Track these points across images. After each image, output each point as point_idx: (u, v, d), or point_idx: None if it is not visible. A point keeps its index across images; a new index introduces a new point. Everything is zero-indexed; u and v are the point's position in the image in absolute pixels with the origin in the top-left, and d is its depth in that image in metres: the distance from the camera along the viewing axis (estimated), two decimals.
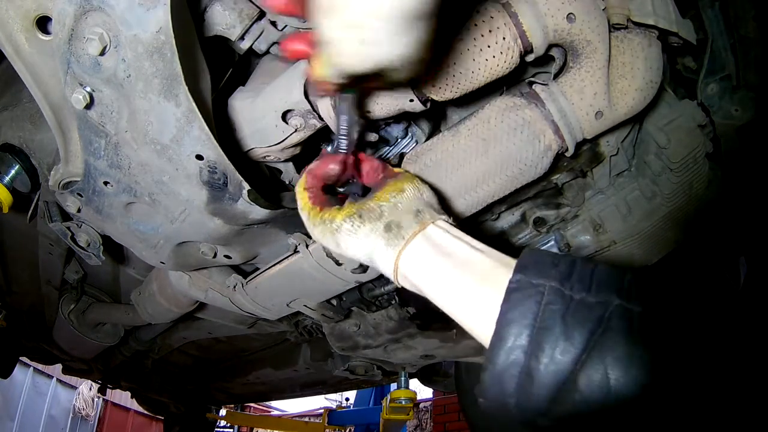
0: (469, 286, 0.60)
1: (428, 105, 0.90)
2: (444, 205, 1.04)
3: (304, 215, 0.78)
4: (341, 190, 0.88)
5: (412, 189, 0.73)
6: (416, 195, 0.72)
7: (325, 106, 0.91)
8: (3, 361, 2.75)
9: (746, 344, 0.50)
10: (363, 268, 1.15)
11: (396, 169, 0.81)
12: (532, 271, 0.56)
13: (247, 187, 0.93)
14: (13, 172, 1.17)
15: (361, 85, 0.71)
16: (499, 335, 0.53)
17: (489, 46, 0.82)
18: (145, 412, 4.60)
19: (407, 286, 0.69)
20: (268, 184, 1.13)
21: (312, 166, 0.81)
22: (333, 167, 0.80)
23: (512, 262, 0.60)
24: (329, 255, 1.12)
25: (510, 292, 0.55)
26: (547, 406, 0.50)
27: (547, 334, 0.51)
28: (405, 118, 1.03)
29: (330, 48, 0.60)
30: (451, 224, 0.70)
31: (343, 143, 0.80)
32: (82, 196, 1.02)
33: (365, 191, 0.86)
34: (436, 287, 0.64)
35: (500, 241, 1.42)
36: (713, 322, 0.51)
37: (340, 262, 1.14)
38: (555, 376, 0.50)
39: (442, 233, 0.68)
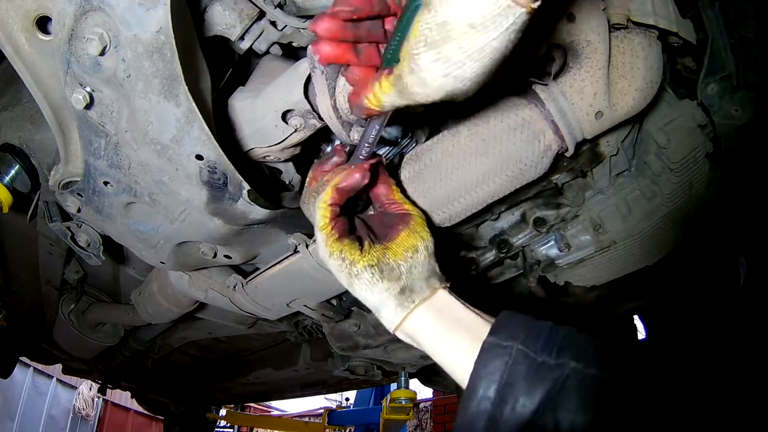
0: (458, 346, 0.71)
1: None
2: (443, 205, 1.05)
3: (320, 236, 0.79)
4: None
5: (424, 252, 0.79)
6: (427, 260, 0.79)
7: (325, 107, 0.91)
8: (3, 361, 2.76)
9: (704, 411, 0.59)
10: None
11: (404, 202, 0.85)
12: (504, 333, 0.67)
13: (247, 187, 0.93)
14: (13, 172, 1.17)
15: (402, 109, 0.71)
16: (471, 388, 0.64)
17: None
18: (145, 412, 4.60)
19: (402, 338, 0.78)
20: (268, 184, 1.13)
21: (338, 181, 0.80)
22: (358, 178, 0.80)
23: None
24: None
25: (483, 351, 0.66)
26: None
27: (510, 389, 0.61)
28: (405, 118, 1.03)
29: (411, 77, 0.60)
30: (450, 290, 0.78)
31: (366, 152, 0.83)
32: (82, 196, 1.02)
33: (367, 204, 0.90)
34: (432, 346, 0.74)
35: (499, 243, 1.41)
36: (669, 386, 0.61)
37: None
38: (515, 423, 0.60)
39: (445, 299, 0.77)
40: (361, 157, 0.83)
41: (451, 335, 0.72)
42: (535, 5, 0.50)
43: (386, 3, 0.67)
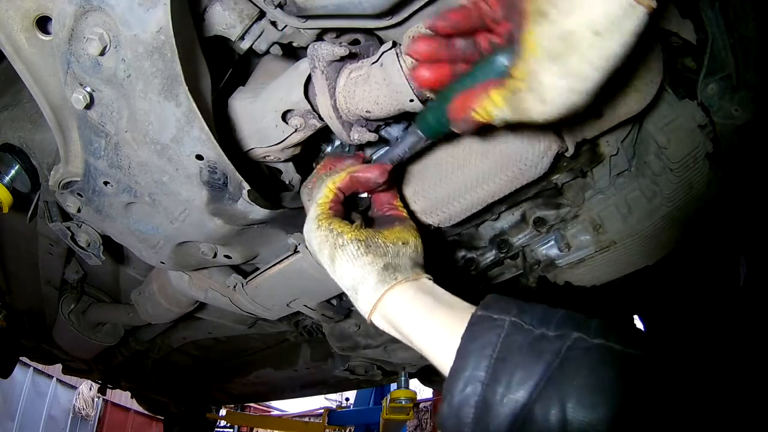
0: (441, 326, 0.62)
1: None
2: (443, 205, 1.05)
3: (313, 210, 0.78)
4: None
5: (413, 244, 0.77)
6: (416, 252, 0.76)
7: (325, 107, 0.91)
8: (3, 361, 2.75)
9: (718, 386, 0.48)
10: None
11: (403, 211, 0.86)
12: (495, 308, 0.58)
13: (247, 187, 0.93)
14: (13, 172, 1.17)
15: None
16: (457, 366, 0.54)
17: None
18: (145, 412, 4.60)
19: (378, 324, 0.72)
20: (268, 184, 1.13)
21: (356, 170, 0.81)
22: (376, 177, 0.80)
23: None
24: None
25: (471, 325, 0.57)
26: None
27: (504, 365, 0.51)
28: (405, 118, 1.03)
29: (530, 95, 0.56)
30: (434, 283, 0.74)
31: (397, 158, 0.84)
32: (82, 196, 1.02)
33: (365, 210, 0.91)
34: (410, 325, 0.66)
35: (498, 243, 1.41)
36: (683, 358, 0.50)
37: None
38: (511, 407, 0.49)
39: (430, 284, 0.72)
40: (387, 160, 0.85)
41: (433, 314, 0.65)
42: (654, 4, 0.48)
43: (481, 18, 0.64)
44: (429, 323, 0.64)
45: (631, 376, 0.48)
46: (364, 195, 0.89)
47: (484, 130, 0.97)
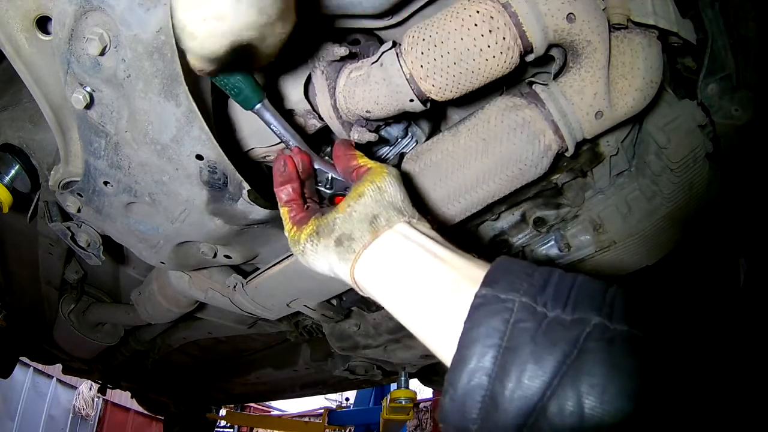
0: (431, 302, 0.55)
1: (428, 105, 0.90)
2: (443, 205, 1.05)
3: (288, 240, 0.77)
4: (323, 188, 0.87)
5: (371, 191, 0.67)
6: (375, 198, 0.67)
7: (325, 107, 0.91)
8: (3, 361, 2.76)
9: (743, 372, 0.44)
10: None
11: (368, 164, 0.75)
12: (502, 284, 0.51)
13: (247, 187, 0.93)
14: (13, 172, 1.17)
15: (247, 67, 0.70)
16: (460, 356, 0.48)
17: (489, 46, 0.81)
18: (145, 412, 4.60)
19: (371, 297, 0.66)
20: (268, 184, 1.13)
21: (275, 182, 0.81)
22: (280, 167, 0.80)
23: (481, 273, 0.54)
24: None
25: (475, 308, 0.50)
26: None
27: (514, 355, 0.46)
28: (405, 118, 1.04)
29: (183, 36, 0.60)
30: (413, 226, 0.65)
31: (290, 141, 0.84)
32: (82, 196, 1.02)
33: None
34: (394, 303, 0.60)
35: (498, 243, 1.42)
36: (709, 346, 0.46)
37: None
38: (522, 403, 0.44)
39: (401, 240, 0.62)
40: (291, 145, 0.85)
41: (414, 287, 0.57)
42: None
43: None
44: (418, 300, 0.56)
45: (656, 368, 0.44)
46: (328, 176, 0.85)
47: (484, 129, 0.97)
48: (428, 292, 0.56)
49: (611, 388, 0.42)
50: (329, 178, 0.85)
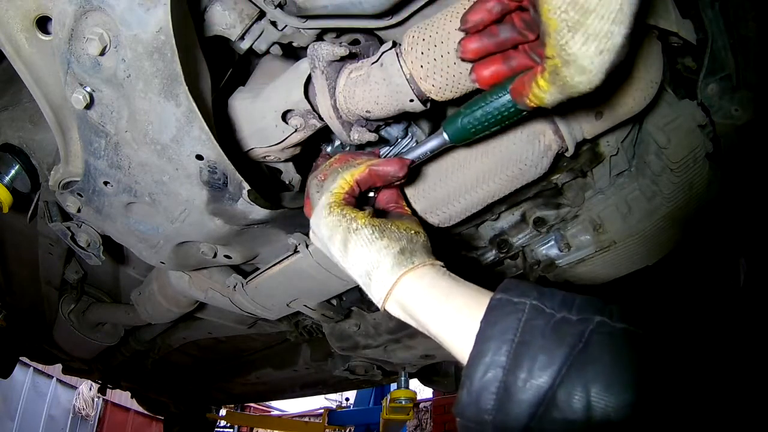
0: (458, 308, 0.61)
1: (428, 105, 0.90)
2: (443, 205, 1.05)
3: (325, 197, 0.78)
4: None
5: (424, 236, 0.76)
6: (426, 242, 0.76)
7: (325, 107, 0.91)
8: (3, 361, 2.76)
9: (740, 369, 0.47)
10: None
11: (408, 210, 0.86)
12: (515, 291, 0.57)
13: (247, 187, 0.93)
14: (13, 172, 1.17)
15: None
16: (477, 351, 0.53)
17: None
18: (145, 412, 4.60)
19: (392, 311, 0.71)
20: (268, 184, 1.13)
21: (375, 163, 0.82)
22: (396, 171, 0.81)
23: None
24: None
25: (491, 309, 0.56)
26: (526, 423, 0.49)
27: (525, 349, 0.50)
28: (405, 118, 1.03)
29: (568, 70, 0.56)
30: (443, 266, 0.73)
31: (417, 157, 0.86)
32: (82, 196, 1.02)
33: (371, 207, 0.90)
34: (426, 311, 0.64)
35: (499, 243, 1.41)
36: (705, 341, 0.50)
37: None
38: (533, 393, 0.48)
39: (445, 272, 0.70)
40: (409, 158, 0.86)
41: (450, 300, 0.63)
42: None
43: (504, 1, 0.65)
44: (446, 309, 0.62)
45: (656, 361, 0.48)
46: (371, 194, 0.89)
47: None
48: (460, 300, 0.62)
49: (614, 374, 0.46)
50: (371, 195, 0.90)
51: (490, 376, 0.51)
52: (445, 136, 0.81)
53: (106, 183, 0.97)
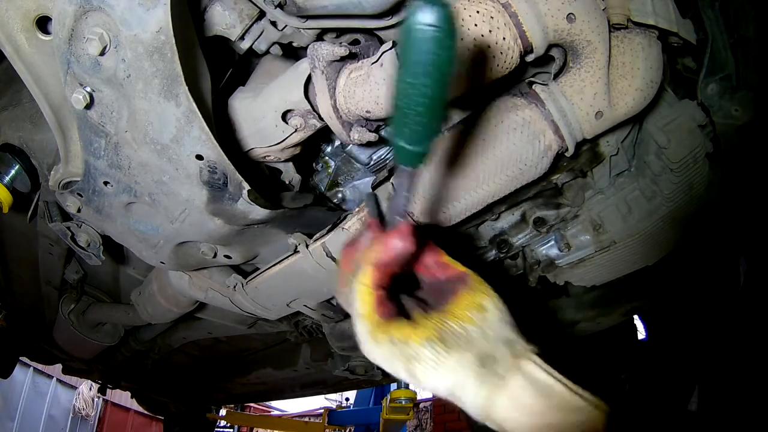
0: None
1: None
2: (443, 205, 1.05)
3: (362, 325, 0.62)
4: None
5: (494, 309, 0.60)
6: (501, 317, 0.60)
7: (325, 107, 0.91)
8: (3, 361, 2.76)
9: None
10: None
11: (459, 267, 0.67)
12: None
13: (247, 187, 0.93)
14: (13, 172, 1.17)
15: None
16: None
17: (489, 46, 0.81)
18: (145, 412, 4.60)
19: (491, 426, 0.58)
20: (268, 184, 1.13)
21: (376, 255, 0.63)
22: (400, 245, 0.62)
23: (593, 398, 0.55)
24: (329, 255, 1.12)
25: None
26: None
27: None
28: None
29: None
30: (539, 353, 0.59)
31: (403, 209, 0.64)
32: (82, 196, 1.02)
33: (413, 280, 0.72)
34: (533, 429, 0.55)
35: (499, 243, 1.41)
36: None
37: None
38: None
39: (537, 369, 0.57)
40: (397, 217, 0.65)
41: (553, 416, 0.53)
42: None
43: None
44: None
45: None
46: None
47: (483, 129, 0.97)
48: (567, 419, 0.55)
49: None
50: None
51: None
52: (403, 167, 0.60)
53: (106, 183, 0.97)
